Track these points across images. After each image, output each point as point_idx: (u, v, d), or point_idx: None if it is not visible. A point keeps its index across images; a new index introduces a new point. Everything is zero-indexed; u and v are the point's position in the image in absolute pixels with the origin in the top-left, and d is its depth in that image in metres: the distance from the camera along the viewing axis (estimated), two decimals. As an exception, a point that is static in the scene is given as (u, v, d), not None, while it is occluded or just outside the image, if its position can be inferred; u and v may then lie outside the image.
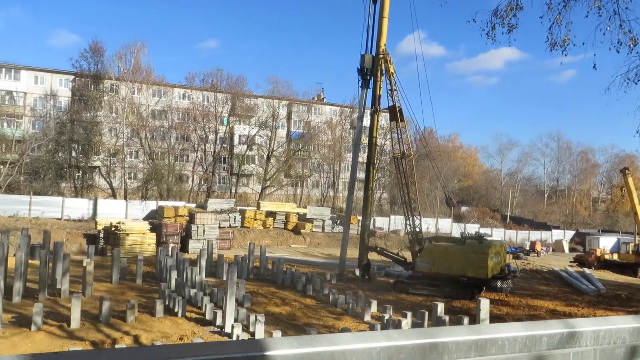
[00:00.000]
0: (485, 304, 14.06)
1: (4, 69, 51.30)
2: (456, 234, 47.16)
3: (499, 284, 23.00)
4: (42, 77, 53.11)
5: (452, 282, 22.22)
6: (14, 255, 19.47)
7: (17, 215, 34.37)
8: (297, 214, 42.59)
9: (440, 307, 16.10)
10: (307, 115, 63.20)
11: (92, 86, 51.18)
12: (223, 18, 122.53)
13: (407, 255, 26.31)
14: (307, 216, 41.92)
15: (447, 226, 52.05)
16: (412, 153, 25.87)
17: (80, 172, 49.48)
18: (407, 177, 25.27)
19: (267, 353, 1.59)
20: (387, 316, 16.87)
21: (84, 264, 18.83)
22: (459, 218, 57.94)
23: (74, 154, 49.43)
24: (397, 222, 46.76)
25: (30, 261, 20.56)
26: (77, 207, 37.31)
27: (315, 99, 68.85)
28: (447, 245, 23.58)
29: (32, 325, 13.77)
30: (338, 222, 43.04)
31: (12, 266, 18.20)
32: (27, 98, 51.98)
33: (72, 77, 52.97)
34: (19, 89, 51.61)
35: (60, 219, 35.56)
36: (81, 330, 13.96)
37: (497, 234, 52.36)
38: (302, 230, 40.71)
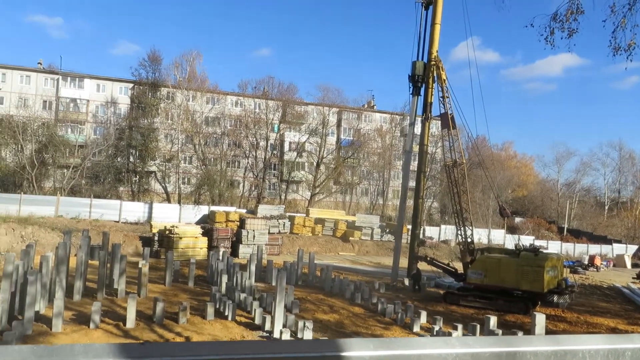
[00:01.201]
0: (541, 319, 13.51)
1: (69, 78, 53.98)
2: (509, 245, 45.73)
3: (555, 298, 22.06)
4: (104, 85, 55.53)
5: (506, 295, 21.51)
6: (75, 255, 20.33)
7: (78, 217, 35.95)
8: (346, 221, 42.47)
9: (493, 320, 15.59)
10: (357, 123, 63.12)
11: (150, 94, 53.09)
12: (276, 27, 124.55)
13: (458, 266, 25.70)
14: (356, 224, 41.74)
15: (500, 237, 50.57)
16: (464, 161, 25.30)
17: (137, 176, 51.28)
18: (459, 186, 24.72)
19: (342, 354, 1.53)
20: (437, 328, 16.51)
21: (140, 266, 19.41)
22: (512, 229, 56.15)
23: (131, 159, 51.31)
24: (447, 231, 45.85)
25: (89, 261, 21.40)
26: (133, 211, 38.64)
27: (366, 106, 68.67)
28: (501, 257, 22.84)
29: (90, 323, 14.29)
30: (387, 230, 42.63)
31: (73, 266, 18.99)
32: (89, 105, 54.45)
33: (131, 85, 55.13)
34: (83, 97, 54.14)
35: (117, 222, 36.91)
36: (136, 330, 14.35)
37: (554, 247, 50.40)
38: (350, 238, 40.54)
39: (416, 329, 16.83)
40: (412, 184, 31.84)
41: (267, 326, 15.17)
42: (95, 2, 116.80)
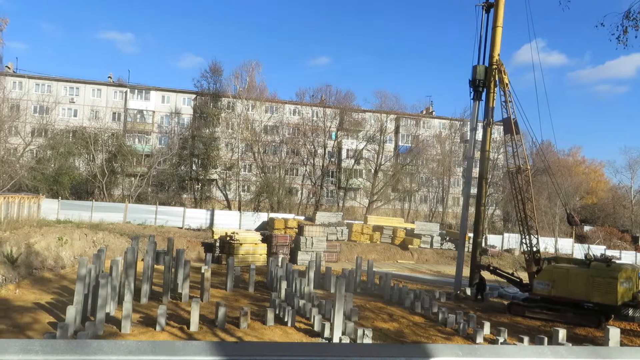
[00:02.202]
0: (615, 334, 12.76)
1: (136, 90, 56.54)
2: (578, 255, 43.57)
3: (630, 312, 20.79)
4: (168, 97, 57.75)
5: (575, 307, 20.46)
6: (142, 259, 21.14)
7: (145, 223, 37.45)
8: (405, 229, 41.90)
9: (562, 333, 14.88)
10: (416, 129, 62.31)
11: (211, 104, 54.71)
12: (334, 35, 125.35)
13: (523, 275, 24.74)
14: (415, 231, 41.08)
15: (568, 246, 48.28)
16: (528, 167, 24.38)
17: (200, 184, 52.84)
18: (523, 193, 23.84)
19: (431, 359, 1.47)
20: (501, 339, 15.92)
21: (202, 271, 19.93)
22: (581, 238, 53.43)
23: (194, 167, 52.94)
24: (511, 240, 44.26)
25: (155, 266, 22.19)
26: (196, 217, 39.80)
27: (424, 112, 67.72)
28: (570, 267, 21.77)
29: (156, 326, 14.77)
30: (447, 238, 41.69)
31: (141, 270, 19.75)
32: (155, 116, 56.76)
33: (194, 95, 57.03)
34: (149, 108, 56.51)
35: (181, 228, 38.13)
36: (199, 333, 14.71)
37: (627, 257, 47.50)
38: (409, 246, 39.94)
39: (479, 340, 16.29)
40: (473, 191, 31.03)
41: (327, 333, 15.14)
42: (163, 17, 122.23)
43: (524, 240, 23.82)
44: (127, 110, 55.96)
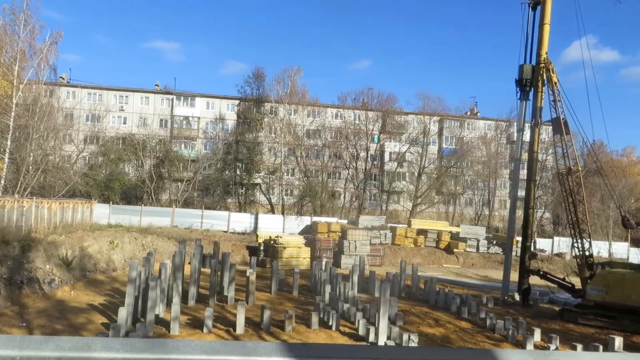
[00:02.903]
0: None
1: (182, 97, 58.00)
2: (634, 259, 41.70)
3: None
4: (213, 103, 58.96)
5: (632, 314, 19.54)
6: (189, 263, 21.60)
7: (191, 227, 38.31)
8: (450, 232, 41.18)
9: (618, 341, 14.26)
10: (460, 131, 61.25)
11: (254, 109, 55.53)
12: (375, 38, 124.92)
13: (575, 281, 23.84)
14: (460, 235, 40.31)
15: (623, 251, 46.27)
16: (579, 169, 23.50)
17: (244, 188, 53.64)
18: (574, 195, 22.98)
19: None
20: (553, 347, 15.40)
21: (247, 274, 20.19)
22: (637, 242, 51.09)
23: (238, 172, 53.80)
24: (561, 244, 42.81)
25: (202, 269, 22.62)
26: (240, 221, 40.42)
27: (468, 113, 66.52)
28: (625, 272, 20.84)
29: (204, 328, 15.06)
30: (494, 242, 40.71)
31: (188, 273, 20.19)
32: (200, 122, 58.04)
33: (237, 101, 58.02)
34: (194, 114, 57.85)
35: (226, 232, 38.78)
36: (245, 336, 14.89)
37: (688, 262, 45.05)
38: (455, 250, 39.22)
39: (529, 347, 15.81)
40: (521, 193, 30.21)
41: (371, 337, 15.04)
42: (208, 26, 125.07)
43: (575, 244, 22.97)
44: (173, 116, 57.46)
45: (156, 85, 62.35)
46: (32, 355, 1.23)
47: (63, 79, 56.39)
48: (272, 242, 32.62)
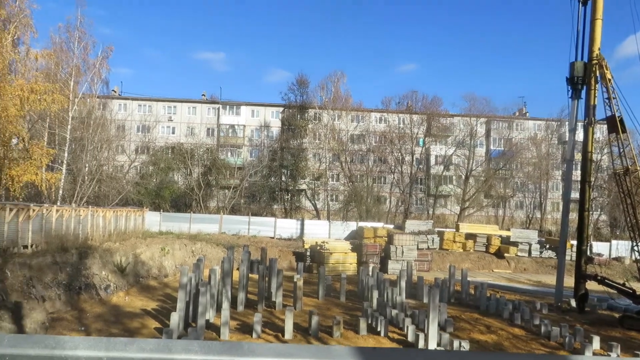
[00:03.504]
0: None
1: (228, 106, 59.14)
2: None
3: None
4: (257, 111, 59.82)
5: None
6: (238, 269, 21.93)
7: (238, 233, 38.90)
8: (500, 236, 40.07)
9: (687, 350, 13.44)
10: (508, 132, 59.62)
11: (298, 116, 55.95)
12: (420, 40, 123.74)
13: (636, 286, 22.71)
14: (511, 239, 39.16)
15: (688, 254, 43.68)
16: (637, 168, 22.43)
17: (289, 194, 54.05)
18: (633, 197, 21.94)
19: None
20: (613, 355, 14.71)
21: (295, 280, 20.28)
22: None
23: (283, 178, 54.28)
24: (619, 248, 40.86)
25: (250, 275, 22.91)
26: (286, 227, 40.72)
27: (517, 114, 64.74)
28: (692, 276, 19.70)
29: (252, 333, 15.21)
30: (547, 246, 39.34)
31: (236, 279, 20.48)
32: (245, 130, 58.98)
33: (281, 108, 58.62)
34: (240, 123, 58.85)
35: (273, 238, 39.15)
36: (294, 341, 14.95)
37: None
38: (505, 254, 38.14)
39: (588, 355, 15.14)
40: (574, 195, 29.09)
41: (421, 344, 14.80)
42: (253, 36, 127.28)
43: (635, 248, 21.92)
44: (219, 125, 58.63)
45: (203, 95, 63.86)
46: (117, 356, 1.32)
47: (115, 92, 58.57)
48: (318, 247, 32.69)
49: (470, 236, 39.42)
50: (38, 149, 29.62)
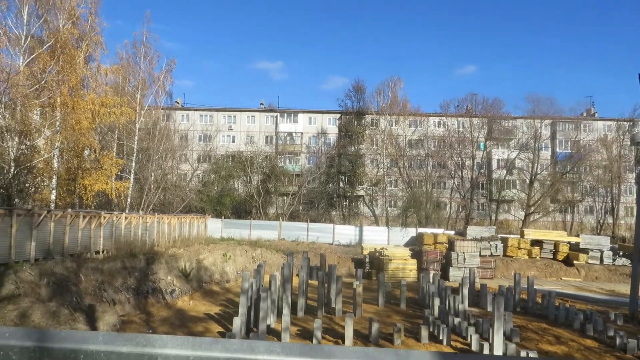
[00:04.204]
0: None
1: (285, 114, 60.04)
2: None
3: None
4: (315, 118, 60.34)
5: None
6: (297, 275, 22.11)
7: (297, 239, 39.27)
8: (568, 243, 38.23)
9: None
10: (575, 134, 56.98)
11: (355, 122, 55.99)
12: (479, 41, 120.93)
13: None
14: (581, 246, 37.25)
15: None
16: None
17: (347, 201, 54.07)
18: None
19: None
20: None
21: (354, 286, 20.20)
22: None
23: (341, 184, 54.39)
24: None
25: (309, 281, 23.04)
26: (345, 233, 40.70)
27: (584, 114, 61.85)
28: None
29: (313, 339, 15.24)
30: (620, 253, 37.14)
31: (295, 284, 20.63)
32: (303, 137, 59.62)
33: (338, 115, 58.86)
34: (297, 130, 59.58)
35: (331, 244, 39.23)
36: (354, 348, 14.84)
37: None
38: (574, 262, 36.34)
39: (670, 370, 14.15)
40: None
41: (485, 353, 14.31)
42: (309, 44, 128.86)
43: None
44: (277, 133, 59.58)
45: (261, 104, 65.17)
46: (203, 355, 1.37)
47: (178, 103, 60.84)
48: (377, 254, 32.43)
49: (536, 243, 37.88)
50: (108, 159, 31.20)
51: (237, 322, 14.67)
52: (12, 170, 23.73)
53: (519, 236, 39.57)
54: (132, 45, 36.38)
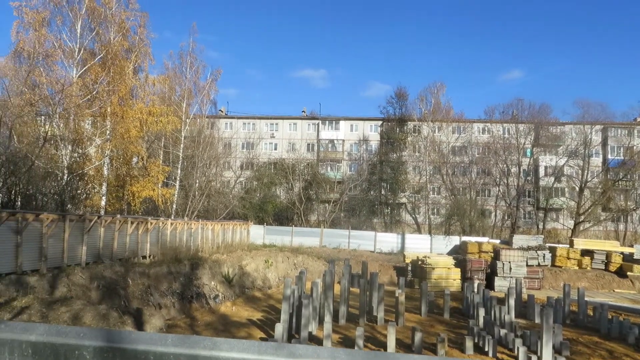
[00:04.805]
0: None
1: (327, 122, 60.25)
2: None
3: None
4: (356, 125, 60.29)
5: None
6: (339, 282, 22.06)
7: (338, 247, 39.22)
8: (621, 253, 36.61)
9: None
10: (629, 139, 54.65)
11: (397, 129, 55.62)
12: (525, 46, 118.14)
13: None
14: (635, 256, 35.57)
15: None
16: None
17: (389, 208, 53.65)
18: None
19: None
20: None
21: (396, 295, 19.98)
22: None
23: (383, 192, 54.04)
24: None
25: (350, 289, 22.93)
26: (386, 241, 40.34)
27: (638, 119, 59.34)
28: None
29: (355, 347, 15.14)
30: (678, 264, 35.28)
31: (337, 292, 20.58)
32: (344, 144, 59.64)
33: (380, 122, 58.62)
34: (339, 137, 59.67)
35: (373, 252, 38.96)
36: (396, 358, 14.66)
37: None
38: (628, 273, 34.75)
39: None
40: None
41: (534, 367, 13.87)
42: (352, 52, 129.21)
43: None
44: (319, 140, 59.83)
45: (303, 111, 65.65)
46: (268, 359, 1.42)
47: (222, 111, 62.02)
48: (419, 262, 32.00)
49: (587, 253, 36.46)
50: (155, 167, 32.11)
51: (279, 329, 14.74)
52: (65, 177, 24.74)
53: (568, 246, 38.25)
54: (179, 55, 37.44)
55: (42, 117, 27.65)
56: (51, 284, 15.56)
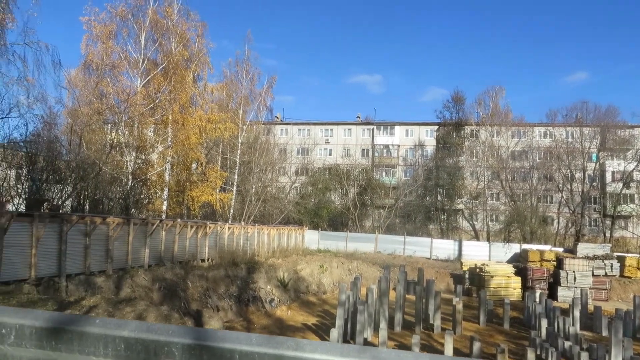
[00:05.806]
0: None
1: (382, 127, 59.92)
2: None
3: None
4: (412, 130, 59.62)
5: None
6: (394, 288, 21.82)
7: (394, 253, 38.82)
8: (699, 264, 34.25)
9: None
10: None
11: (454, 133, 54.58)
12: (590, 46, 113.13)
13: None
14: None
15: None
16: None
17: (445, 214, 52.61)
18: None
19: None
20: None
21: (453, 303, 19.56)
22: None
23: (439, 197, 53.08)
24: None
25: (406, 295, 22.64)
26: (443, 248, 39.55)
27: None
28: None
29: (410, 355, 14.94)
30: None
31: (392, 298, 20.37)
32: (400, 150, 59.09)
33: (436, 127, 57.72)
34: (394, 142, 59.18)
35: (429, 258, 38.29)
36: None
37: None
38: None
39: None
40: None
41: (601, 383, 13.19)
42: (409, 57, 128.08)
43: None
44: (374, 146, 59.58)
45: (357, 117, 65.64)
46: None
47: (278, 118, 62.94)
48: (477, 270, 31.19)
49: (660, 263, 34.34)
50: (213, 172, 32.98)
51: (335, 334, 14.75)
52: (129, 182, 25.85)
53: (638, 255, 36.15)
54: (235, 63, 38.33)
55: (109, 125, 29.01)
56: (116, 284, 16.28)
